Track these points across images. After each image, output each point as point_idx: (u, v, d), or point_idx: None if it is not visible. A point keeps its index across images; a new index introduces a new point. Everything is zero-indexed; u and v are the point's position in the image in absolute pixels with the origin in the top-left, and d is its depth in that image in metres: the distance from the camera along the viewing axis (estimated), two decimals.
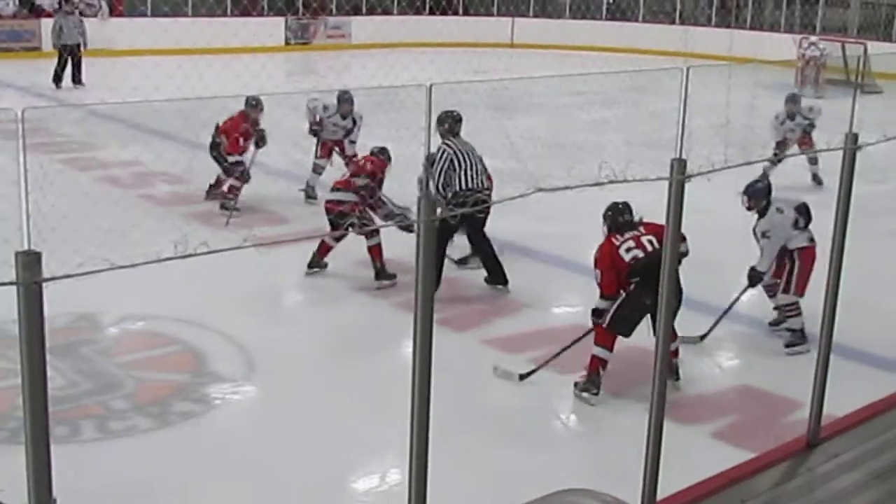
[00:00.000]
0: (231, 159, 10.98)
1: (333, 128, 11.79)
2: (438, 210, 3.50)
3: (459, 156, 8.64)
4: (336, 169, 11.34)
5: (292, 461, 5.76)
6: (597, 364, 6.74)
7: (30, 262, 2.61)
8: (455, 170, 8.58)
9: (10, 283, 2.60)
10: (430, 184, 8.31)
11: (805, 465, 4.64)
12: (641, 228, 6.94)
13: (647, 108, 16.07)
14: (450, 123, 8.81)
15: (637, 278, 6.59)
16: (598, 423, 6.71)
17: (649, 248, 6.71)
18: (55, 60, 20.20)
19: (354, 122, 11.84)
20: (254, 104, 11.10)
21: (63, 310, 7.36)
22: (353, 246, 8.80)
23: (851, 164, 4.47)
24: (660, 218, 3.80)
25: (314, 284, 9.04)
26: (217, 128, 11.12)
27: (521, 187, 3.82)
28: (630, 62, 23.78)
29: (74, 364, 6.92)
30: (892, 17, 28.05)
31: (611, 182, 3.67)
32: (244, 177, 10.98)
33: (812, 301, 7.07)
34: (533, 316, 8.32)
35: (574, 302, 8.80)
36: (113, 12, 25.98)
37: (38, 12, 24.87)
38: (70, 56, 20.15)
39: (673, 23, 30.24)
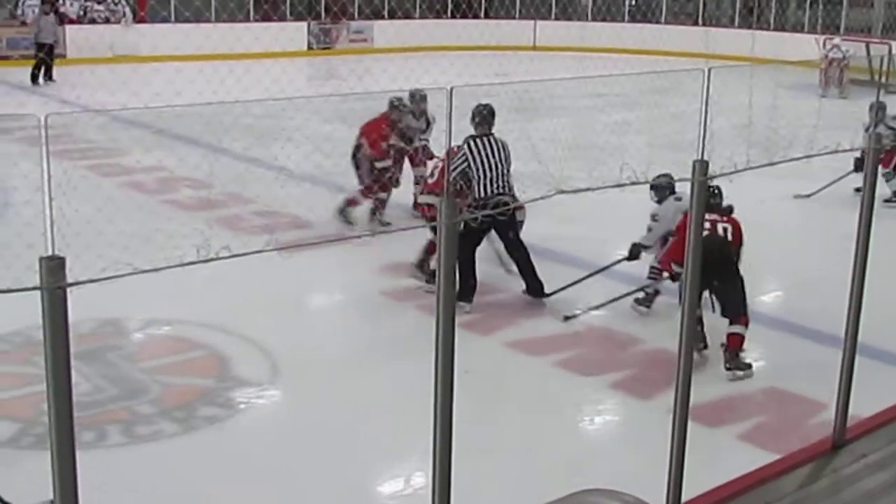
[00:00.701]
0: (379, 165, 10.59)
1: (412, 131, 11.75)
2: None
3: (479, 159, 8.36)
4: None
5: (317, 465, 5.77)
6: None
7: (54, 268, 2.62)
8: (474, 173, 8.33)
9: (35, 289, 2.62)
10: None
11: (831, 467, 4.61)
12: (724, 218, 7.44)
13: (668, 109, 16.02)
14: (480, 118, 8.51)
15: None
16: (623, 424, 6.71)
17: (719, 231, 7.25)
18: (81, 67, 20.44)
19: (428, 123, 11.50)
20: (396, 104, 10.78)
21: (88, 315, 7.41)
22: (378, 251, 8.81)
23: (875, 164, 4.44)
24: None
25: (338, 288, 9.07)
26: (360, 132, 10.79)
27: (542, 189, 3.82)
28: (652, 64, 23.74)
29: (100, 369, 6.96)
30: None
31: (633, 183, 3.66)
32: (392, 183, 10.60)
33: (837, 301, 7.06)
34: (557, 318, 8.30)
35: (596, 303, 8.79)
36: (136, 18, 26.17)
37: (62, 19, 25.06)
38: (47, 54, 20.91)
39: (695, 24, 30.17)
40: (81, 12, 25.96)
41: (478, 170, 8.34)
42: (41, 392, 2.80)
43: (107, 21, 25.87)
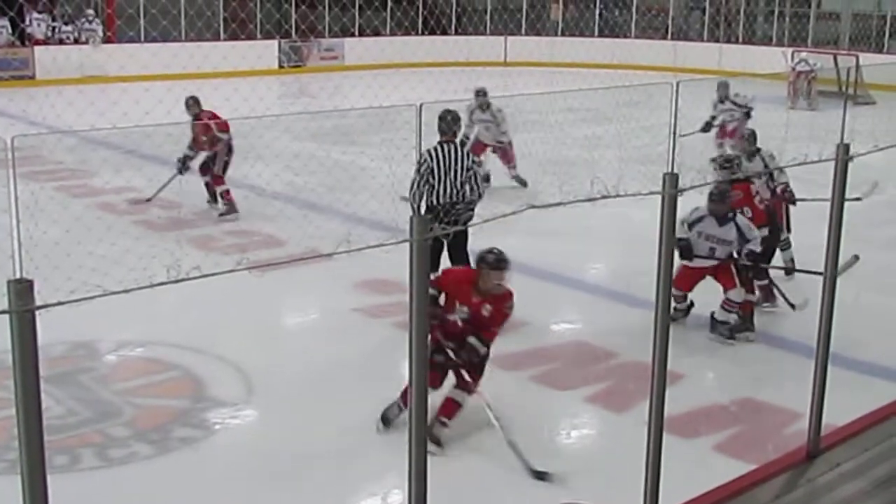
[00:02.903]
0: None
1: (483, 124, 12.77)
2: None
3: (440, 165, 8.22)
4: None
5: (293, 485, 5.74)
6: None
7: (22, 291, 2.60)
8: (434, 180, 8.21)
9: (3, 312, 2.60)
10: (410, 194, 8.21)
11: (806, 476, 4.63)
12: None
13: (639, 123, 16.10)
14: (444, 124, 8.38)
15: None
16: (599, 437, 6.71)
17: None
18: (48, 89, 20.32)
19: (493, 116, 12.93)
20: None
21: (60, 338, 7.35)
22: (350, 269, 8.78)
23: (844, 175, 4.47)
24: (653, 233, 3.79)
25: (311, 306, 9.05)
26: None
27: (514, 204, 3.82)
28: (622, 78, 23.83)
29: (73, 392, 6.90)
30: (883, 29, 28.18)
31: (603, 197, 3.67)
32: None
33: (809, 311, 7.11)
34: (532, 333, 8.29)
35: (573, 318, 8.82)
36: (104, 39, 26.10)
37: (30, 40, 24.97)
38: None
39: (664, 38, 30.35)
40: (49, 33, 25.84)
41: (437, 177, 8.24)
42: (13, 417, 2.77)
43: (75, 42, 25.76)
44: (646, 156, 13.62)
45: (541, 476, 5.74)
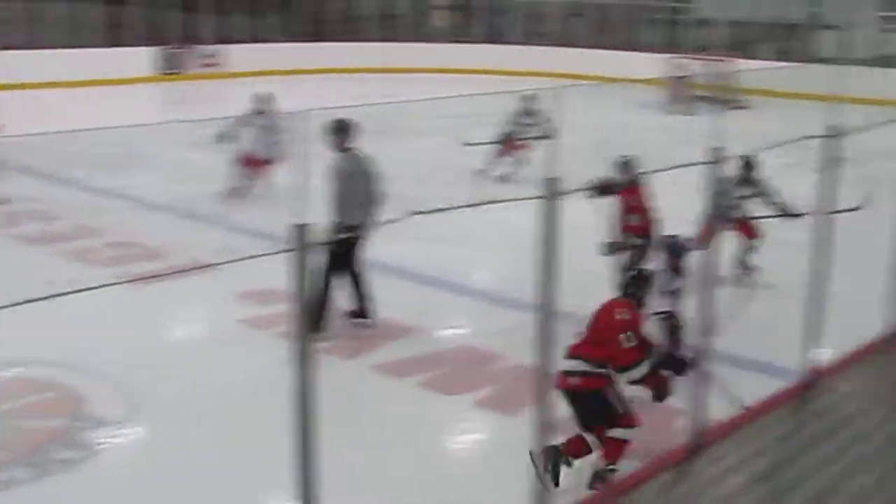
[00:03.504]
0: None
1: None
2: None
3: (352, 173, 8.16)
4: None
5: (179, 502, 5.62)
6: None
7: None
8: (345, 188, 8.13)
9: None
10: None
11: (690, 472, 4.71)
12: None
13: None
14: (343, 133, 8.18)
15: None
16: (490, 441, 6.73)
17: None
18: None
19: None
20: None
21: None
22: (234, 280, 8.65)
23: (717, 177, 4.57)
24: (535, 237, 3.82)
25: (194, 318, 8.88)
26: None
27: (399, 211, 3.81)
28: (507, 83, 24.08)
29: None
30: (759, 36, 29.01)
31: (487, 202, 3.68)
32: None
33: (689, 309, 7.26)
34: (420, 340, 8.29)
35: (460, 323, 8.83)
36: None
37: None
38: None
39: (549, 44, 30.72)
40: None
41: (348, 186, 8.16)
42: None
43: None
44: (532, 161, 13.76)
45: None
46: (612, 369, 5.58)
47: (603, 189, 8.31)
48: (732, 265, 9.18)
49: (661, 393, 5.67)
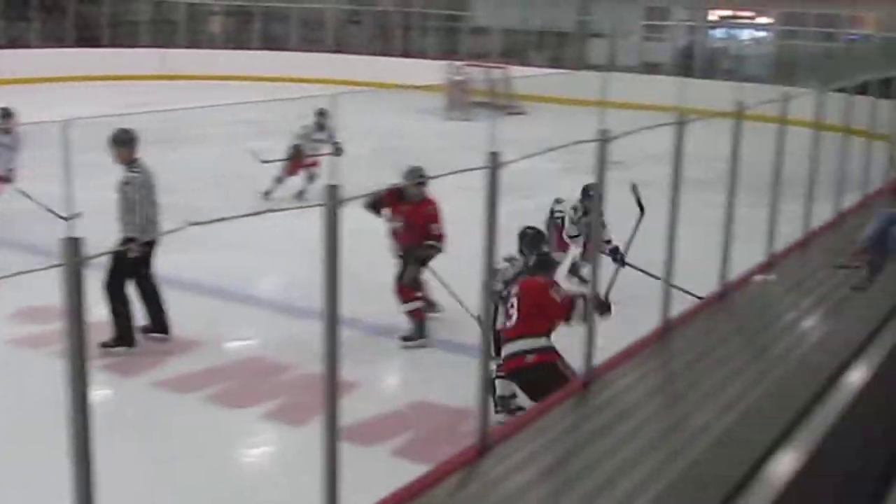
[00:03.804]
0: None
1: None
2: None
3: (144, 185, 7.95)
4: None
5: None
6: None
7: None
8: (137, 203, 7.88)
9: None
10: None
11: (478, 471, 4.80)
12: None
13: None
14: (118, 150, 7.95)
15: None
16: (279, 453, 6.67)
17: None
18: None
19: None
20: None
21: None
22: (2, 299, 8.24)
23: (494, 182, 4.68)
24: (318, 245, 3.81)
25: None
26: None
27: (177, 221, 3.72)
28: (285, 90, 23.89)
29: None
30: (530, 43, 29.91)
31: (268, 211, 3.65)
32: None
33: (449, 306, 7.41)
34: (205, 353, 8.12)
35: (246, 334, 8.72)
36: None
37: None
38: None
39: (327, 51, 30.68)
40: None
41: (145, 198, 7.93)
42: None
43: None
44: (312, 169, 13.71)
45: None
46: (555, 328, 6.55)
47: (381, 201, 8.44)
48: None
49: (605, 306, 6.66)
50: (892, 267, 7.48)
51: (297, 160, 13.52)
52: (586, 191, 9.16)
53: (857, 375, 4.99)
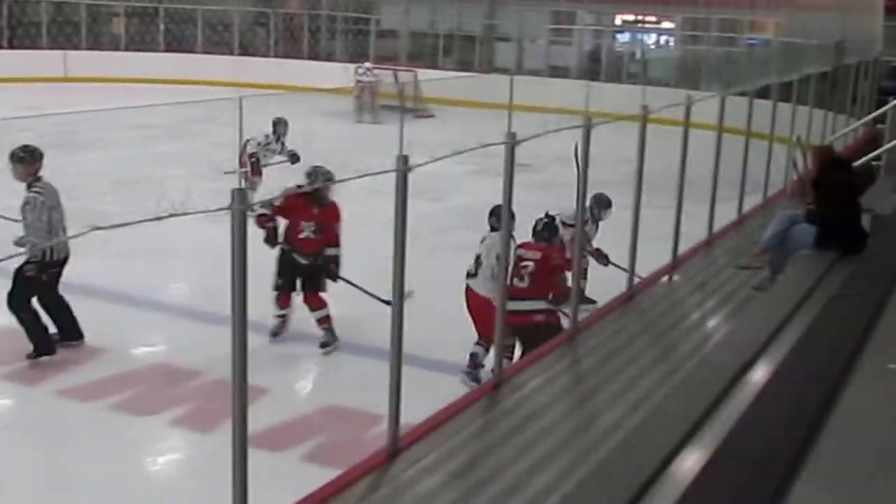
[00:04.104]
0: None
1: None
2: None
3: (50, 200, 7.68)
4: None
5: None
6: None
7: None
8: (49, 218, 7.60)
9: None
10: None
11: (388, 475, 4.79)
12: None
13: (212, 139, 15.99)
14: (21, 167, 7.68)
15: None
16: (187, 460, 6.59)
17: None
18: None
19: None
20: None
21: None
22: None
23: (404, 185, 4.68)
24: (228, 248, 3.77)
25: None
26: None
27: (77, 227, 3.64)
28: (189, 93, 23.56)
29: None
30: (438, 46, 29.98)
31: (172, 216, 3.60)
32: None
33: (384, 318, 7.39)
34: (111, 360, 7.97)
35: (153, 340, 8.59)
36: None
37: None
38: None
39: (232, 53, 30.36)
40: None
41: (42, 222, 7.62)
42: None
43: None
44: (218, 173, 13.54)
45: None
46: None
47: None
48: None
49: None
50: (792, 267, 7.67)
51: (255, 169, 13.09)
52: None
53: (759, 374, 5.12)
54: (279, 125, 13.45)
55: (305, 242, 8.41)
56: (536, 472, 4.80)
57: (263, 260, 6.93)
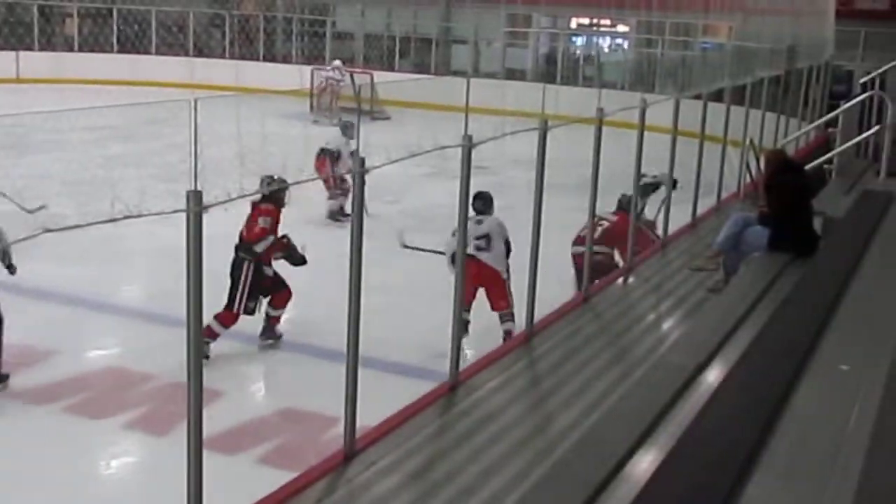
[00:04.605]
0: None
1: None
2: None
3: None
4: None
5: None
6: None
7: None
8: None
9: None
10: None
11: (344, 477, 4.78)
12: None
13: (165, 140, 15.87)
14: None
15: None
16: (142, 463, 6.53)
17: None
18: None
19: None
20: None
21: None
22: None
23: (361, 187, 4.67)
24: (182, 250, 3.74)
25: None
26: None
27: (29, 229, 3.60)
28: (143, 95, 23.37)
29: None
30: (394, 49, 29.96)
31: (125, 217, 3.57)
32: None
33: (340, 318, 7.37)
34: (63, 363, 7.88)
35: (106, 344, 8.51)
36: None
37: None
38: None
39: (186, 55, 30.15)
40: None
41: None
42: None
43: None
44: (172, 174, 13.45)
45: None
46: None
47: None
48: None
49: None
50: (745, 269, 7.74)
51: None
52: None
53: (713, 375, 5.17)
54: (348, 128, 13.67)
55: (269, 251, 8.38)
56: (493, 473, 4.81)
57: (217, 263, 6.87)
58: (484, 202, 8.60)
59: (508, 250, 8.48)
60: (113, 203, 3.48)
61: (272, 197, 8.14)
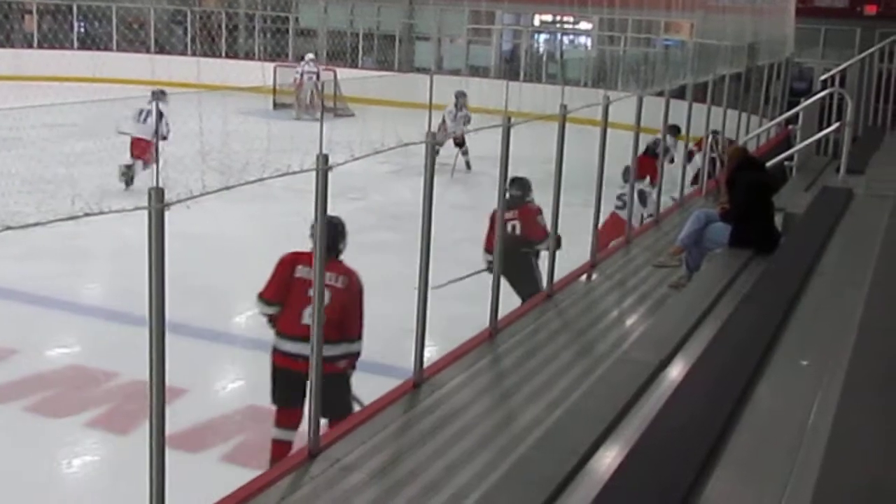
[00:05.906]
0: None
1: None
2: None
3: None
4: None
5: None
6: None
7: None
8: None
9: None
10: None
11: (308, 475, 4.77)
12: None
13: (127, 137, 15.71)
14: None
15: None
16: (104, 462, 6.49)
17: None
18: None
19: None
20: None
21: None
22: None
23: (324, 184, 4.66)
24: (142, 250, 3.71)
25: None
26: None
27: None
28: (103, 92, 23.14)
29: None
30: (357, 45, 29.90)
31: (86, 215, 3.54)
32: None
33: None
34: (24, 362, 7.81)
35: (68, 342, 8.45)
36: None
37: None
38: None
39: (147, 51, 29.94)
40: None
41: None
42: None
43: None
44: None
45: None
46: None
47: None
48: None
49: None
50: (707, 266, 7.80)
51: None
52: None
53: (675, 371, 5.21)
54: (460, 97, 14.77)
55: None
56: (457, 469, 4.82)
57: (179, 261, 6.83)
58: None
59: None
60: (74, 200, 3.45)
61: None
